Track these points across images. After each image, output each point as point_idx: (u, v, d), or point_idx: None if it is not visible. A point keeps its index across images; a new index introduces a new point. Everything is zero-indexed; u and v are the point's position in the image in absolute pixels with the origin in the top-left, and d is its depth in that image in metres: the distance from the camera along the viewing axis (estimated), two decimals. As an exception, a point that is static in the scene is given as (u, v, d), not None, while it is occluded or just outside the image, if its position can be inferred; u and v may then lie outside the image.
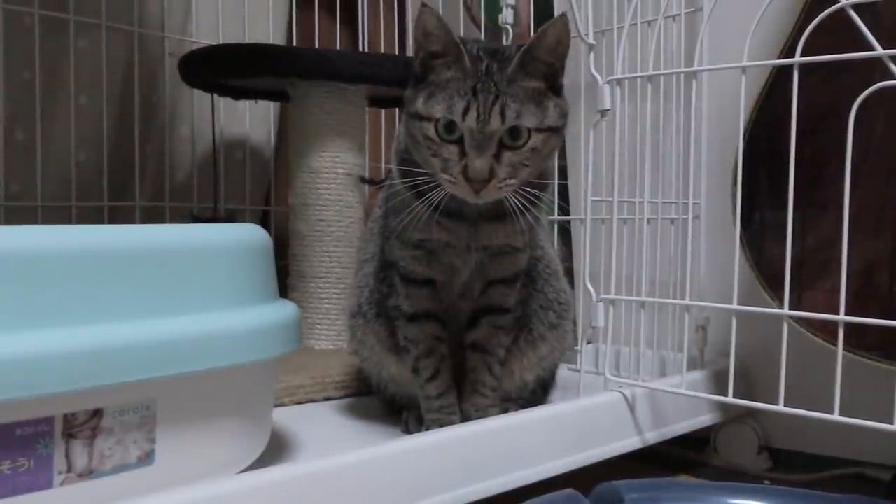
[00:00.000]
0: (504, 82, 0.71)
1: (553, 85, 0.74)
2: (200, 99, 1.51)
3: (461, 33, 1.62)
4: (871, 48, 0.70)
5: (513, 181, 0.71)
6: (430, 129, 0.71)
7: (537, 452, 0.80)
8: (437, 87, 0.72)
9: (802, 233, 0.95)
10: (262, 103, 1.56)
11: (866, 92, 0.70)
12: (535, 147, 0.72)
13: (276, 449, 0.79)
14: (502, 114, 0.70)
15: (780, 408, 0.77)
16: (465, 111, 0.69)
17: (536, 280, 0.88)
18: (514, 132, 0.71)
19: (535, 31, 0.72)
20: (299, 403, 1.00)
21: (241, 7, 1.57)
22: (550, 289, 0.89)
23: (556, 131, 0.74)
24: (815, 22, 0.74)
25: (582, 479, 0.77)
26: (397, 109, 1.53)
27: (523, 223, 0.75)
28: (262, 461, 0.71)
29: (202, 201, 1.53)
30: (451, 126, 0.71)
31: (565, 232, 1.32)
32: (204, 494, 0.56)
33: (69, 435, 0.55)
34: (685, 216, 1.08)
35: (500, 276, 0.82)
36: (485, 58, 0.72)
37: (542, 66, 0.73)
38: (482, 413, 0.83)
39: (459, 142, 0.71)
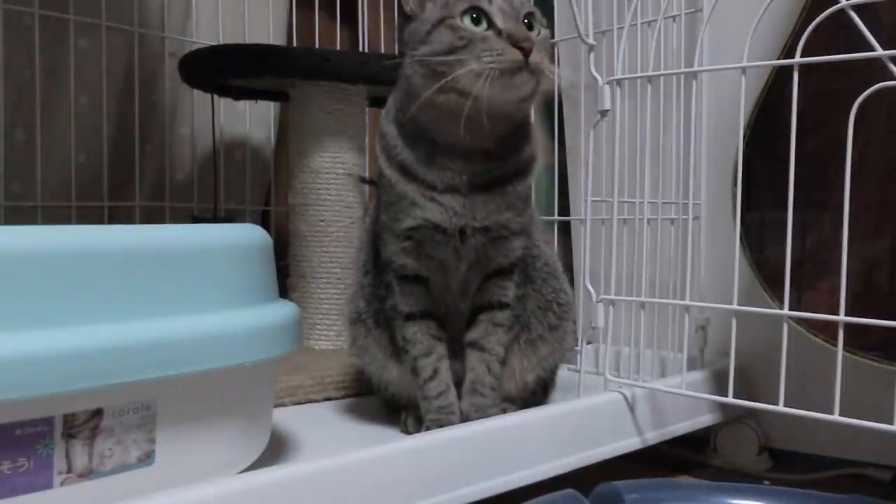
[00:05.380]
0: None
1: None
2: (200, 99, 1.51)
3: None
4: (872, 48, 0.70)
5: (545, 61, 0.73)
6: (455, 22, 0.73)
7: (537, 453, 0.80)
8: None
9: (802, 233, 0.95)
10: (262, 103, 1.55)
11: (866, 92, 0.70)
12: (544, 38, 0.76)
13: (276, 449, 0.79)
14: None
15: (781, 408, 0.77)
16: None
17: (534, 279, 0.88)
18: (530, 18, 0.75)
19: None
20: (299, 403, 1.00)
21: (241, 7, 1.57)
22: (549, 288, 0.89)
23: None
24: (815, 22, 0.74)
25: (582, 479, 0.77)
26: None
27: (519, 191, 0.75)
28: (262, 461, 0.71)
29: (202, 201, 1.53)
30: (477, 14, 0.72)
31: (565, 232, 1.32)
32: (204, 494, 0.56)
33: (69, 435, 0.55)
34: (685, 216, 1.08)
35: (496, 265, 0.82)
36: None
37: None
38: (482, 413, 0.82)
39: (490, 27, 0.73)
